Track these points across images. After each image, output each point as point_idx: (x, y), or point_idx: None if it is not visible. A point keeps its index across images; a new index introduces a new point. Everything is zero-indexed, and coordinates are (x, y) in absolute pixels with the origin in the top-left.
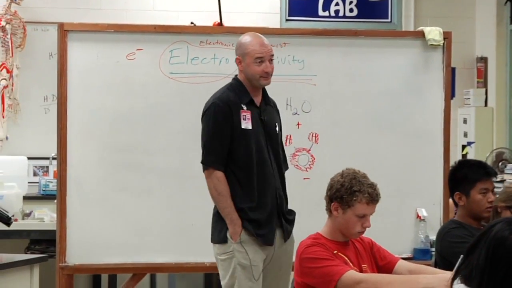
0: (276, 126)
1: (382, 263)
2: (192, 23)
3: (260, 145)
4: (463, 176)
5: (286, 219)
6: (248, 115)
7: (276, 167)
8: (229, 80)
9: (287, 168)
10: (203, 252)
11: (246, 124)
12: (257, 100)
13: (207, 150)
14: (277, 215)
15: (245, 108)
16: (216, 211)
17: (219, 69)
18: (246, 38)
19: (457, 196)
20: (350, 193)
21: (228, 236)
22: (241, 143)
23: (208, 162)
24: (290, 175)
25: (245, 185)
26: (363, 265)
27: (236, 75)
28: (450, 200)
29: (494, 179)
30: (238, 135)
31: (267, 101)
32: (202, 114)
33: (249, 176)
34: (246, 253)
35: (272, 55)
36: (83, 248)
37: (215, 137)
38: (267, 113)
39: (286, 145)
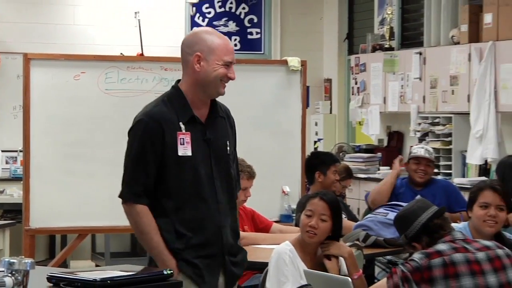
0: (227, 145)
1: (261, 226)
2: (121, 53)
3: (199, 175)
4: (322, 161)
5: (232, 261)
6: (187, 138)
7: (225, 198)
8: (150, 95)
9: (239, 189)
10: None
11: (184, 149)
12: (202, 113)
13: (126, 179)
14: (222, 258)
15: (183, 128)
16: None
17: (141, 87)
18: (210, 35)
19: (318, 174)
20: None
21: None
22: (173, 172)
23: (126, 195)
24: None
25: (176, 221)
26: (245, 226)
27: (177, 81)
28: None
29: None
30: (171, 163)
31: (216, 113)
32: (128, 131)
33: (181, 212)
34: None
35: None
36: (42, 216)
37: (139, 163)
38: (214, 129)
39: None
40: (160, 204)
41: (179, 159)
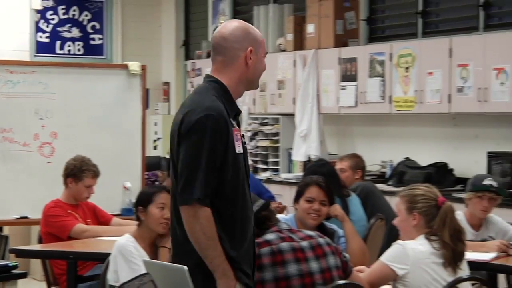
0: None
1: (102, 220)
2: None
3: (244, 175)
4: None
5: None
6: (239, 135)
7: (251, 201)
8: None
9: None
10: None
11: (239, 147)
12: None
13: (196, 179)
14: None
15: (235, 125)
16: (195, 264)
17: None
18: (249, 26)
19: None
20: (81, 171)
21: None
22: (230, 172)
23: (199, 196)
24: (38, 161)
25: (229, 227)
26: (87, 220)
27: (209, 75)
28: None
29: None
30: (230, 161)
31: (240, 111)
32: (186, 129)
33: (234, 216)
34: None
35: None
36: None
37: (210, 161)
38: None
39: (34, 140)
40: (217, 209)
41: (236, 156)
